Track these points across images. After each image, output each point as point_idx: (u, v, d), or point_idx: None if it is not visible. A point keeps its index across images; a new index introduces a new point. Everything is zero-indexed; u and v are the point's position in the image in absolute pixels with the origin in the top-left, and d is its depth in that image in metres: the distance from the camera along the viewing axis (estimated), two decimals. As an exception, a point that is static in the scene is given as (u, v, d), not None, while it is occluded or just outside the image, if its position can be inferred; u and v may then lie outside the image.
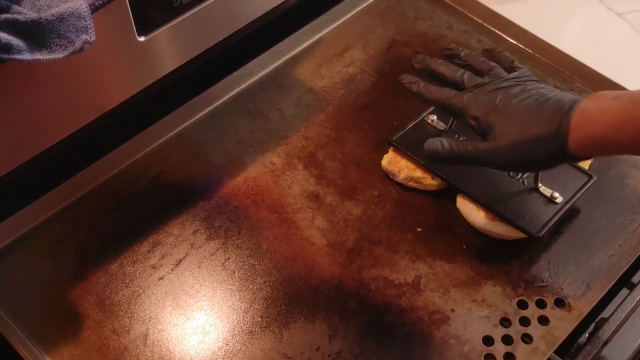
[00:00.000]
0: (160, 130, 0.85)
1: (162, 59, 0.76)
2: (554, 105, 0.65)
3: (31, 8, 0.58)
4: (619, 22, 0.97)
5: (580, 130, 0.63)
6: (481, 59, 0.74)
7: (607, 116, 0.62)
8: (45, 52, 0.57)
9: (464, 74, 0.72)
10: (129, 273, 0.74)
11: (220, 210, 0.79)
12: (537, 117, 0.65)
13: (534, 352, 0.68)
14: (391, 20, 0.98)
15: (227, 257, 0.75)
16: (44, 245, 0.76)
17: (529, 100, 0.67)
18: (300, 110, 0.88)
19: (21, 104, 0.66)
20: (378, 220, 0.78)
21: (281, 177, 0.81)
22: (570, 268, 0.74)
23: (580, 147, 0.64)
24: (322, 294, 0.72)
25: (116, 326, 0.70)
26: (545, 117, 0.65)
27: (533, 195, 0.77)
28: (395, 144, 0.81)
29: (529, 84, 0.69)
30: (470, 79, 0.71)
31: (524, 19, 0.95)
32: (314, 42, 0.95)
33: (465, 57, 0.75)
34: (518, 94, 0.68)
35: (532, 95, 0.67)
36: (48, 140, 0.72)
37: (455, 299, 0.72)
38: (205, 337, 0.70)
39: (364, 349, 0.69)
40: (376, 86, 0.90)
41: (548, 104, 0.66)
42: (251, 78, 0.91)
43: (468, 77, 0.72)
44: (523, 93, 0.68)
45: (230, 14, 0.81)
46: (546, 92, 0.67)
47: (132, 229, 0.77)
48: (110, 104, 0.75)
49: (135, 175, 0.82)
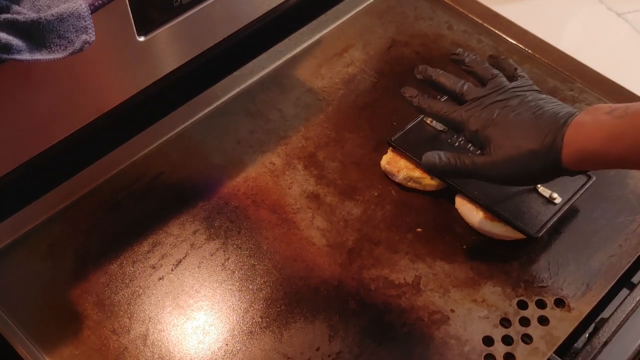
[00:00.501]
0: (160, 131, 0.85)
1: (162, 59, 0.76)
2: (549, 120, 0.66)
3: (31, 8, 0.58)
4: (619, 22, 0.97)
5: (574, 144, 0.63)
6: (485, 65, 0.74)
7: (600, 130, 0.62)
8: (45, 52, 0.57)
9: (464, 85, 0.73)
10: (128, 273, 0.74)
11: (220, 210, 0.79)
12: (532, 132, 0.66)
13: (533, 353, 0.68)
14: (391, 21, 0.98)
15: (227, 257, 0.75)
16: (44, 246, 0.76)
17: (527, 113, 0.67)
18: (300, 111, 0.88)
19: (21, 104, 0.66)
20: (378, 220, 0.78)
21: (281, 177, 0.82)
22: (570, 268, 0.74)
23: (574, 162, 0.64)
24: (322, 294, 0.72)
25: (116, 326, 0.70)
26: (540, 132, 0.65)
27: (532, 196, 0.77)
28: (394, 144, 0.81)
29: (528, 94, 0.70)
30: (470, 90, 0.72)
31: (524, 19, 0.95)
32: (314, 42, 0.95)
33: (470, 63, 0.75)
34: (516, 107, 0.68)
35: (530, 108, 0.68)
36: (48, 140, 0.72)
37: (455, 299, 0.72)
38: (205, 337, 0.70)
39: (364, 349, 0.69)
40: (376, 86, 0.90)
41: (544, 118, 0.66)
42: (251, 78, 0.91)
43: (467, 89, 0.72)
44: (521, 106, 0.68)
45: (230, 14, 0.81)
46: (544, 104, 0.68)
47: (132, 229, 0.77)
48: (110, 104, 0.75)
49: (135, 175, 0.82)
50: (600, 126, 0.62)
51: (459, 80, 0.74)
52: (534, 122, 0.66)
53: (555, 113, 0.66)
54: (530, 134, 0.66)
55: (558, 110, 0.66)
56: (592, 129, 0.63)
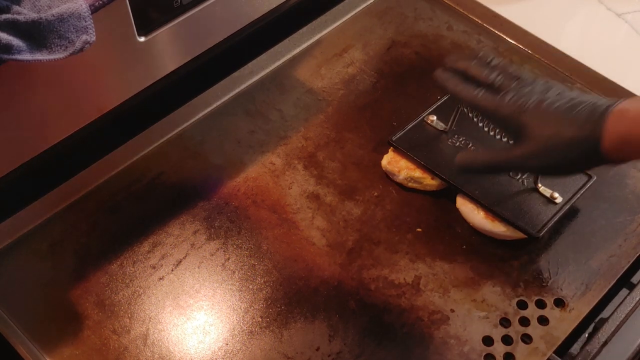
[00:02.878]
0: (161, 131, 0.85)
1: (162, 59, 0.77)
2: (588, 107, 0.65)
3: (31, 8, 0.58)
4: (619, 22, 0.98)
5: (617, 130, 0.63)
6: (512, 67, 0.72)
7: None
8: (46, 53, 0.58)
9: (497, 76, 0.71)
10: (129, 273, 0.74)
11: (220, 210, 0.79)
12: (571, 119, 0.65)
13: (533, 352, 0.68)
14: (391, 21, 0.98)
15: (227, 257, 0.75)
16: (44, 246, 0.76)
17: (562, 101, 0.66)
18: (300, 111, 0.88)
19: (21, 105, 0.66)
20: (378, 220, 0.78)
21: (281, 178, 0.82)
22: (569, 268, 0.74)
23: (615, 149, 0.63)
24: (322, 294, 0.73)
25: (116, 326, 0.70)
26: (579, 119, 0.65)
27: (533, 196, 0.77)
28: (395, 144, 0.81)
29: (560, 86, 0.69)
30: (504, 81, 0.70)
31: (524, 20, 0.95)
32: (314, 43, 0.96)
33: (496, 67, 0.73)
34: (551, 96, 0.67)
35: (565, 97, 0.67)
36: (48, 141, 0.72)
37: (455, 299, 0.72)
38: (206, 337, 0.70)
39: (363, 349, 0.69)
40: (376, 86, 0.91)
41: (582, 106, 0.65)
42: (251, 79, 0.91)
43: (500, 80, 0.70)
44: (556, 95, 0.67)
45: (230, 15, 0.81)
46: (579, 94, 0.67)
47: (132, 229, 0.77)
48: (110, 104, 0.75)
49: (135, 175, 0.82)
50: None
51: (492, 71, 0.71)
52: (571, 110, 0.65)
53: (593, 102, 0.65)
54: (569, 122, 0.65)
55: (595, 99, 0.66)
56: (638, 115, 0.62)
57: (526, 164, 0.68)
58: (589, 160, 0.66)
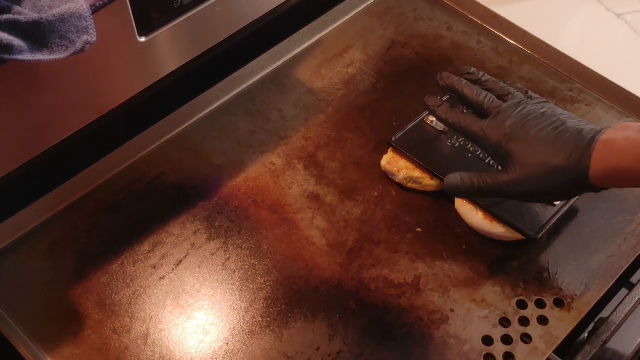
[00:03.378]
0: (161, 131, 0.85)
1: (162, 59, 0.77)
2: (574, 135, 0.65)
3: (32, 9, 0.58)
4: (618, 22, 0.98)
5: (604, 162, 0.63)
6: (500, 83, 0.74)
7: (632, 149, 0.62)
8: (47, 53, 0.58)
9: (486, 97, 0.72)
10: (129, 273, 0.74)
11: (220, 210, 0.79)
12: (557, 148, 0.65)
13: (533, 352, 0.68)
14: (391, 21, 0.98)
15: (228, 257, 0.75)
16: (44, 246, 0.76)
17: (549, 129, 0.67)
18: (300, 111, 0.88)
19: (22, 105, 0.66)
20: (378, 220, 0.78)
21: (281, 178, 0.82)
22: (569, 268, 0.74)
23: (602, 179, 0.64)
24: (322, 294, 0.73)
25: (117, 326, 0.71)
26: (565, 148, 0.65)
27: (532, 196, 0.77)
28: (394, 144, 0.81)
29: (548, 110, 0.69)
30: (492, 103, 0.71)
31: (524, 20, 0.95)
32: (314, 43, 0.96)
33: (486, 82, 0.74)
34: (538, 122, 0.68)
35: (553, 124, 0.67)
36: (49, 141, 0.72)
37: (454, 299, 0.72)
38: (206, 336, 0.70)
39: (364, 349, 0.69)
40: (376, 87, 0.91)
41: (568, 134, 0.66)
42: (251, 79, 0.91)
43: (490, 101, 0.71)
44: (543, 121, 0.67)
45: (231, 15, 0.81)
46: (566, 119, 0.67)
47: (132, 229, 0.77)
48: (110, 104, 0.75)
49: (135, 175, 0.82)
50: (632, 144, 0.62)
51: (482, 92, 0.72)
52: (558, 138, 0.66)
53: (579, 129, 0.66)
54: (555, 150, 0.65)
55: (582, 126, 0.66)
56: (624, 147, 0.62)
57: (512, 191, 0.69)
58: (575, 188, 0.67)
